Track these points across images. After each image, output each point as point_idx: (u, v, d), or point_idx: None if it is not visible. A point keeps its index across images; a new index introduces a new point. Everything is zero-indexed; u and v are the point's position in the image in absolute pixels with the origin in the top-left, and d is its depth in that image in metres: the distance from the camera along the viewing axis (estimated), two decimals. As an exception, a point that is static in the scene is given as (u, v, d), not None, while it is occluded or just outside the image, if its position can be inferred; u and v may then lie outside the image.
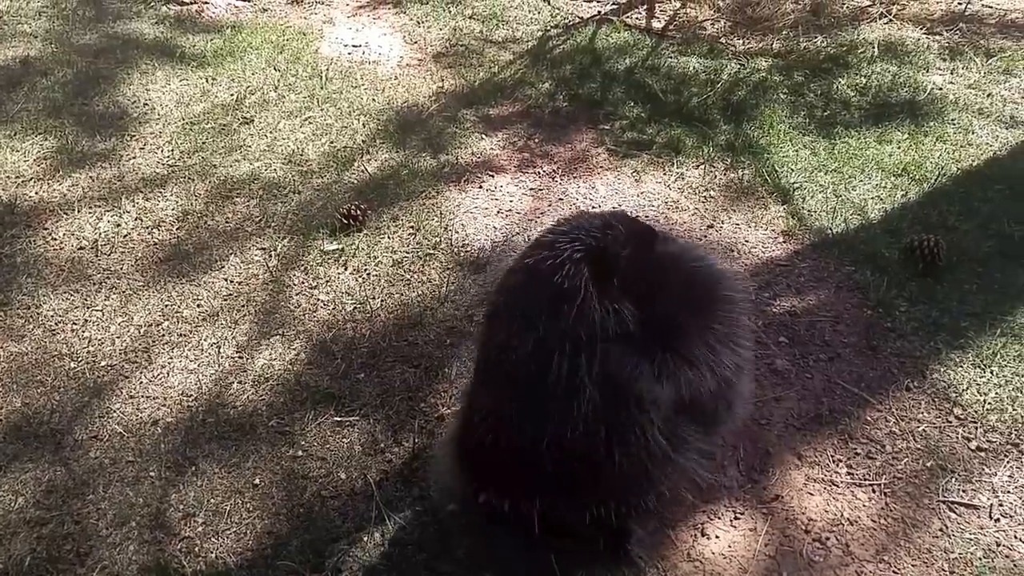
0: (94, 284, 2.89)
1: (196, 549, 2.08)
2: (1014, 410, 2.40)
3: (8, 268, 2.95)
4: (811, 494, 2.21)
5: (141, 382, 2.52)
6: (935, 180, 3.33)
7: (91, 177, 3.41)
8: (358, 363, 2.58)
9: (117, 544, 2.08)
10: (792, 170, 3.42)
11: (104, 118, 3.79)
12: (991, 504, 2.16)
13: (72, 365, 2.58)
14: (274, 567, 2.03)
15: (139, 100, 3.92)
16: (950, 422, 2.38)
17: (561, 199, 3.30)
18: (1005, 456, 2.28)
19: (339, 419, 2.41)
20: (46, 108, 3.85)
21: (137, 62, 4.17)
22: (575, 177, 3.43)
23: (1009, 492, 2.19)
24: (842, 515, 2.15)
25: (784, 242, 3.08)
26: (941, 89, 3.96)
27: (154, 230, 3.14)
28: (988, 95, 3.92)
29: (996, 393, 2.45)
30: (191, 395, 2.48)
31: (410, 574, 2.02)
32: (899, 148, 3.55)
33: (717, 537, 2.09)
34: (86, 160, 3.51)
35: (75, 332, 2.70)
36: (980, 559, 2.03)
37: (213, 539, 2.10)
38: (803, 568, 2.03)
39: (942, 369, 2.53)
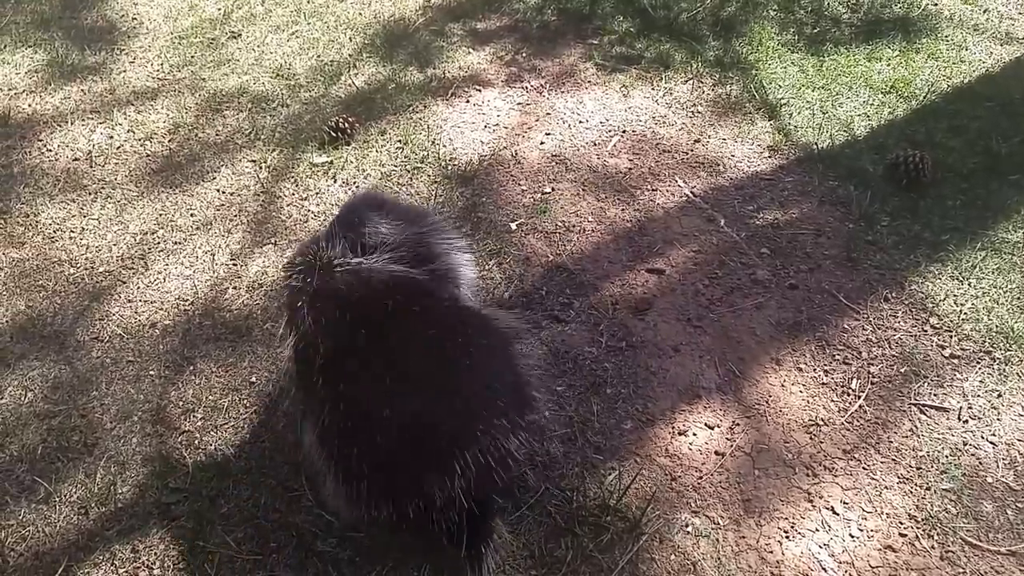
0: (90, 194, 2.95)
1: (196, 442, 2.20)
2: (989, 320, 2.45)
3: (6, 178, 3.01)
4: (788, 396, 2.28)
5: (139, 287, 2.62)
6: (924, 97, 3.32)
7: (83, 90, 3.43)
8: (348, 271, 2.67)
9: (121, 436, 2.21)
10: (780, 86, 3.42)
11: (93, 32, 3.77)
12: (960, 407, 2.23)
13: (71, 271, 2.67)
14: (272, 459, 2.15)
15: (127, 14, 3.89)
16: (925, 331, 2.44)
17: (548, 113, 3.33)
18: (977, 363, 2.34)
19: (330, 322, 2.51)
20: (34, 21, 3.83)
21: (123, -26, 4.12)
22: (562, 92, 3.45)
23: (979, 396, 2.26)
24: (816, 416, 2.22)
25: (769, 157, 3.11)
26: (936, 5, 3.91)
27: (146, 142, 3.18)
28: (984, 10, 3.87)
29: (973, 304, 2.51)
30: (187, 299, 2.58)
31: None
32: (888, 65, 3.54)
33: (695, 435, 2.18)
34: (77, 73, 3.52)
35: (73, 239, 2.78)
36: (947, 457, 2.12)
37: (212, 433, 2.22)
38: (776, 463, 2.12)
39: (920, 281, 2.58)
